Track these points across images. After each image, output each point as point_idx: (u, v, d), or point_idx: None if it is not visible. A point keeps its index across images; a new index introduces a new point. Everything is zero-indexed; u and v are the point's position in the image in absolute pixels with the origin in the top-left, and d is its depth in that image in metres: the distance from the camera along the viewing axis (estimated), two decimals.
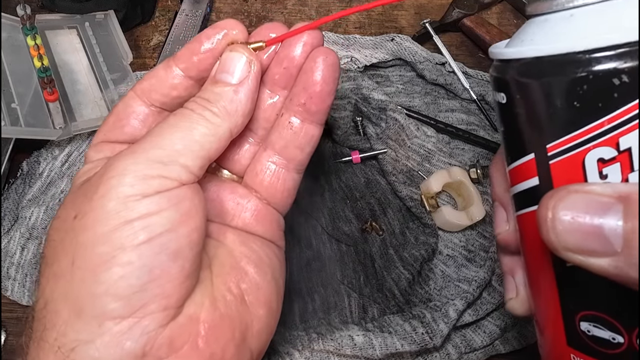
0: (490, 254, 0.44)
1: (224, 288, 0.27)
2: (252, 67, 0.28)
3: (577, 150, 0.21)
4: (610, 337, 0.22)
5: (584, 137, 0.21)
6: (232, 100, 0.28)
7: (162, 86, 0.30)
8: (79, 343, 0.23)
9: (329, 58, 0.29)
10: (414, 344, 0.40)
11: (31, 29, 0.49)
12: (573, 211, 0.19)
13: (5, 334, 0.44)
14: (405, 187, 0.47)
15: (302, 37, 0.29)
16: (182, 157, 0.26)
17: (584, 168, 0.21)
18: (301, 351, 0.41)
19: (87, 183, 0.26)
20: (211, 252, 0.29)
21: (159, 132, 0.26)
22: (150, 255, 0.24)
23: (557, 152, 0.21)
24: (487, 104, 0.52)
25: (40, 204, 0.47)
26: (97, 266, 0.24)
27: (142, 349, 0.24)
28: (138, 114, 0.30)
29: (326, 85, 0.29)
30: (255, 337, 0.28)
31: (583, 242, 0.19)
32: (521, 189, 0.24)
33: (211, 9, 0.59)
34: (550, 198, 0.20)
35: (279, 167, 0.31)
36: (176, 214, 0.25)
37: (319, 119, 0.31)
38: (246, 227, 0.31)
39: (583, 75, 0.20)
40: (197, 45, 0.29)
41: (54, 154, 0.50)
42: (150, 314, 0.24)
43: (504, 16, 0.58)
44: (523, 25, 0.24)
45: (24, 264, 0.45)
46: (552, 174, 0.22)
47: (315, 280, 0.45)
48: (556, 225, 0.19)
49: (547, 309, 0.24)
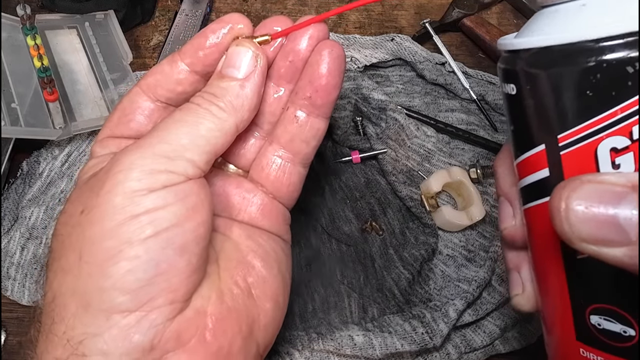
0: (490, 254, 0.44)
1: (231, 282, 0.28)
2: (259, 62, 0.28)
3: (589, 140, 0.21)
4: (622, 330, 0.21)
5: (596, 127, 0.20)
6: (239, 95, 0.28)
7: (167, 81, 0.30)
8: (87, 336, 0.24)
9: (334, 51, 0.29)
10: (414, 344, 0.40)
11: (31, 29, 0.49)
12: (587, 201, 0.19)
13: (5, 334, 0.44)
14: (405, 187, 0.47)
15: (308, 30, 0.29)
16: (189, 152, 0.26)
17: (597, 158, 0.21)
18: (301, 351, 0.41)
19: (94, 178, 0.26)
20: (218, 247, 0.29)
21: (165, 127, 0.26)
22: (157, 250, 0.24)
23: (569, 142, 0.21)
24: (487, 104, 0.52)
25: (40, 204, 0.47)
26: (104, 260, 0.24)
27: (150, 342, 0.24)
28: (144, 109, 0.30)
29: (332, 78, 0.29)
30: (262, 330, 0.28)
31: (597, 232, 0.19)
32: (530, 181, 0.23)
33: (211, 9, 0.59)
34: (563, 188, 0.19)
35: (285, 161, 0.31)
36: (182, 208, 0.25)
37: (324, 113, 0.31)
38: (252, 222, 0.31)
39: (596, 64, 0.20)
40: (202, 40, 0.29)
41: (54, 154, 0.50)
42: (157, 307, 0.24)
43: (504, 16, 0.58)
44: (533, 17, 0.24)
45: (24, 264, 0.45)
46: (563, 165, 0.22)
47: (315, 280, 0.45)
48: (570, 216, 0.19)
49: (556, 304, 0.24)
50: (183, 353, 0.25)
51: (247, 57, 0.28)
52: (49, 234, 0.46)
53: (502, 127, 0.51)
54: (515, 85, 0.23)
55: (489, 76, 0.53)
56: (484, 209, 0.46)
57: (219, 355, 0.26)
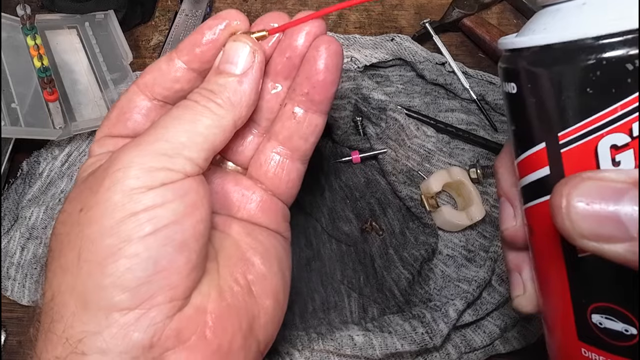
0: (490, 254, 0.44)
1: (230, 279, 0.28)
2: (256, 57, 0.28)
3: (589, 138, 0.21)
4: (623, 329, 0.21)
5: (596, 124, 0.20)
6: (236, 91, 0.28)
7: (164, 80, 0.30)
8: (86, 334, 0.24)
9: (331, 46, 0.29)
10: (414, 344, 0.40)
11: (31, 29, 0.49)
12: (588, 198, 0.19)
13: (5, 334, 0.44)
14: (405, 187, 0.47)
15: (305, 26, 0.29)
16: (187, 150, 0.26)
17: (597, 155, 0.21)
18: (301, 351, 0.41)
19: (92, 176, 0.26)
20: (217, 244, 0.29)
21: (163, 125, 0.26)
22: (156, 247, 0.24)
23: (569, 140, 0.21)
24: (487, 104, 0.52)
25: (40, 204, 0.47)
26: (103, 259, 0.24)
27: (149, 340, 0.24)
28: (141, 108, 0.30)
29: (330, 73, 0.29)
30: (262, 328, 0.28)
31: (599, 229, 0.19)
32: (531, 180, 0.23)
33: (211, 9, 0.59)
34: (564, 185, 0.19)
35: (283, 157, 0.31)
36: (181, 206, 0.25)
37: (322, 109, 0.31)
38: (251, 219, 0.31)
39: (596, 62, 0.20)
40: (199, 37, 0.29)
41: (54, 154, 0.50)
42: (157, 305, 0.24)
43: (504, 16, 0.58)
44: (534, 16, 0.24)
45: (24, 264, 0.45)
46: (563, 163, 0.22)
47: (315, 280, 0.45)
48: (571, 213, 0.19)
49: (557, 304, 0.24)
50: (183, 351, 0.25)
51: (244, 53, 0.28)
52: (49, 234, 0.46)
53: (502, 127, 0.51)
54: (516, 83, 0.23)
55: (489, 76, 0.53)
56: (484, 209, 0.46)
57: (219, 353, 0.26)
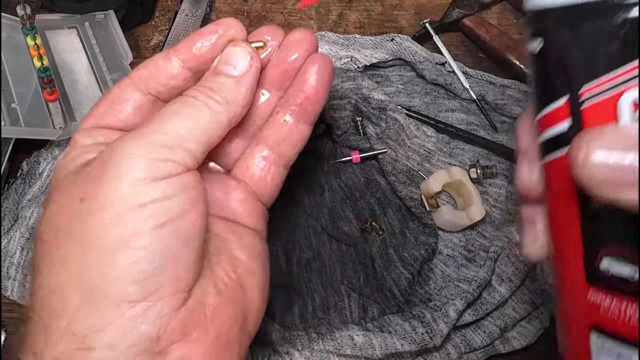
0: (490, 254, 0.44)
1: (223, 274, 0.28)
2: (254, 63, 0.30)
3: (612, 92, 0.21)
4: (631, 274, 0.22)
5: (620, 80, 0.21)
6: (233, 90, 0.29)
7: (160, 75, 0.30)
8: (93, 328, 0.24)
9: (325, 65, 0.32)
10: (414, 344, 0.40)
11: (31, 29, 0.49)
12: (606, 147, 0.19)
13: (5, 334, 0.44)
14: (405, 187, 0.47)
15: (301, 42, 0.31)
16: (186, 142, 0.26)
17: (619, 109, 0.21)
18: (301, 351, 0.41)
19: (89, 167, 0.26)
20: (207, 241, 0.29)
21: (161, 119, 0.27)
22: (164, 240, 0.24)
23: (592, 94, 0.22)
24: (487, 103, 0.52)
25: (40, 204, 0.47)
26: (110, 250, 0.24)
27: (157, 332, 0.24)
28: (133, 101, 0.30)
29: (322, 89, 0.32)
30: (252, 320, 0.29)
31: (616, 177, 0.19)
32: (551, 134, 0.24)
33: (211, 9, 0.59)
34: (584, 136, 0.20)
35: (269, 162, 0.33)
36: (186, 199, 0.26)
37: (311, 120, 0.33)
38: (235, 218, 0.32)
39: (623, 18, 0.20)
40: (198, 38, 0.30)
41: (54, 154, 0.50)
42: (164, 297, 0.24)
43: (504, 16, 0.58)
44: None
45: (24, 264, 0.45)
46: (584, 116, 0.22)
47: (315, 280, 0.45)
48: (588, 162, 0.19)
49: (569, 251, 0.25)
50: (187, 344, 0.25)
51: (243, 57, 0.29)
52: None
53: (502, 127, 0.51)
54: (543, 39, 0.24)
55: (489, 76, 0.53)
56: (484, 209, 0.46)
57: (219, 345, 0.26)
